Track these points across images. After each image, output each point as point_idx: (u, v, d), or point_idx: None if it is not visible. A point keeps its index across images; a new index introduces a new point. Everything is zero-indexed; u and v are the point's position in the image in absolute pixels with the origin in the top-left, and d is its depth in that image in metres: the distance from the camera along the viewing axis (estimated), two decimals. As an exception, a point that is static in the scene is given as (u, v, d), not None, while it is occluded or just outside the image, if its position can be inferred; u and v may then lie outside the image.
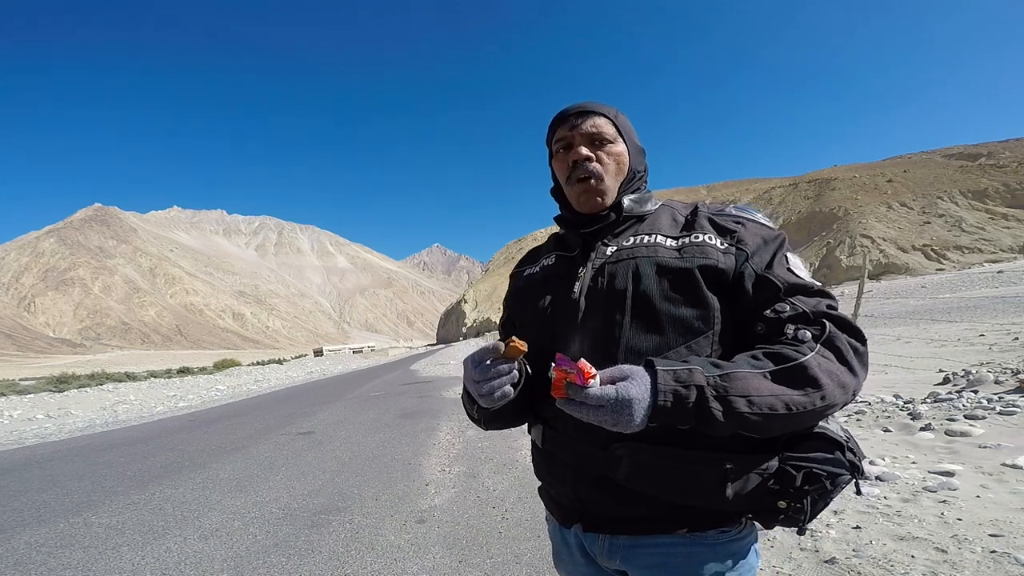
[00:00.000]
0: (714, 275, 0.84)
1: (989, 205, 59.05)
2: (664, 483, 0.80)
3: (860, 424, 4.79)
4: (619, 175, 0.97)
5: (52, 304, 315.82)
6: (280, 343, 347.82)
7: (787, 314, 0.80)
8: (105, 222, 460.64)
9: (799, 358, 0.74)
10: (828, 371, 0.74)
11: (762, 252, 0.87)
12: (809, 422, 0.76)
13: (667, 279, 0.85)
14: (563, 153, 0.97)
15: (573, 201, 0.98)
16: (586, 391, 0.70)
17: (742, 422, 0.71)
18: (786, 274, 0.85)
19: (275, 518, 3.52)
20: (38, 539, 3.36)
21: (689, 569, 0.83)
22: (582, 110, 0.97)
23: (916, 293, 28.14)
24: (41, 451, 6.92)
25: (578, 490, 0.88)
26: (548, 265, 1.03)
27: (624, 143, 0.98)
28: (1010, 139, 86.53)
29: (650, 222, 0.97)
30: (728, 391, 0.71)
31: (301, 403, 11.41)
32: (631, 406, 0.69)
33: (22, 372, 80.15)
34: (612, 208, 0.96)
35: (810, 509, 0.78)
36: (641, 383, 0.71)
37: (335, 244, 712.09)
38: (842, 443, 0.80)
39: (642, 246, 0.91)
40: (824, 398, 0.73)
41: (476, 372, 0.84)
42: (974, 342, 9.88)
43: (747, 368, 0.73)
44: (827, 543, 2.45)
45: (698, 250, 0.87)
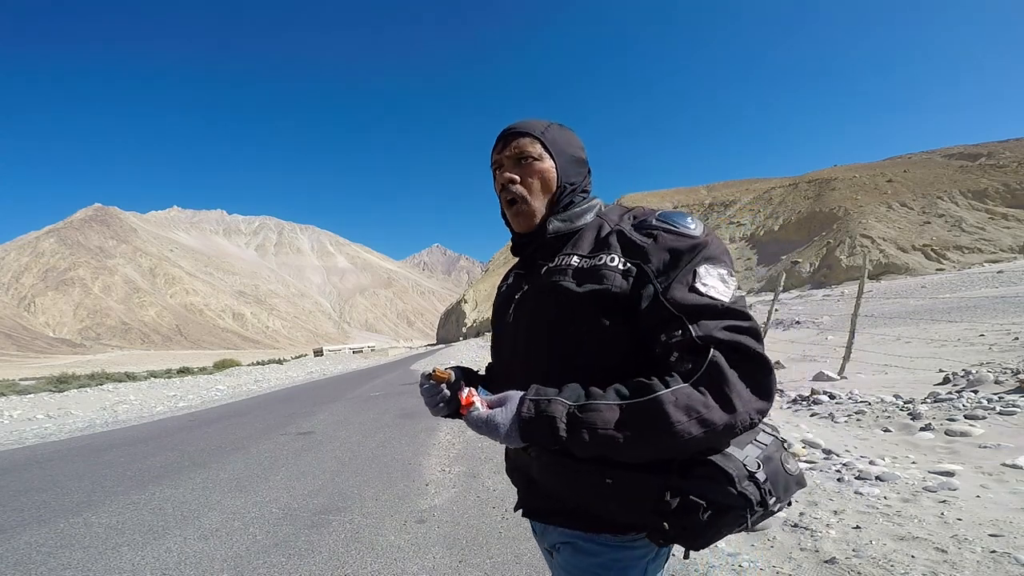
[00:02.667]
0: (609, 300, 0.86)
1: (989, 205, 59.06)
2: (561, 486, 0.88)
3: (860, 424, 4.79)
4: (546, 192, 1.00)
5: (52, 304, 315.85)
6: (280, 343, 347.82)
7: (675, 340, 0.79)
8: (105, 222, 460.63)
9: (654, 393, 0.75)
10: (686, 407, 0.73)
11: (668, 270, 0.85)
12: (663, 455, 0.76)
13: (566, 306, 0.90)
14: (496, 175, 1.02)
15: (510, 222, 1.04)
16: (470, 414, 0.86)
17: (590, 449, 0.77)
18: (686, 295, 0.81)
19: (275, 518, 3.52)
20: (38, 539, 3.36)
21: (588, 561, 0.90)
22: (508, 132, 1.02)
23: (916, 293, 28.13)
24: (41, 451, 6.92)
25: (515, 483, 1.05)
26: (510, 283, 1.11)
27: (552, 159, 1.00)
28: (1010, 139, 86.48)
29: (576, 239, 0.98)
30: (579, 421, 0.77)
31: (301, 403, 11.40)
32: (497, 428, 0.82)
33: (22, 372, 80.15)
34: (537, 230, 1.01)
35: (697, 535, 0.79)
36: (510, 408, 0.83)
37: (335, 244, 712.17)
38: (732, 476, 0.76)
39: (557, 269, 0.94)
40: (672, 436, 0.73)
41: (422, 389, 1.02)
42: (974, 342, 9.87)
43: (608, 400, 0.78)
44: (827, 543, 2.45)
45: (596, 275, 0.88)
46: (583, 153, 1.06)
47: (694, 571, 2.36)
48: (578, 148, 1.05)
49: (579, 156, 1.04)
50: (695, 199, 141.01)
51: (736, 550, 2.52)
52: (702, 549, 0.83)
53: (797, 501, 3.02)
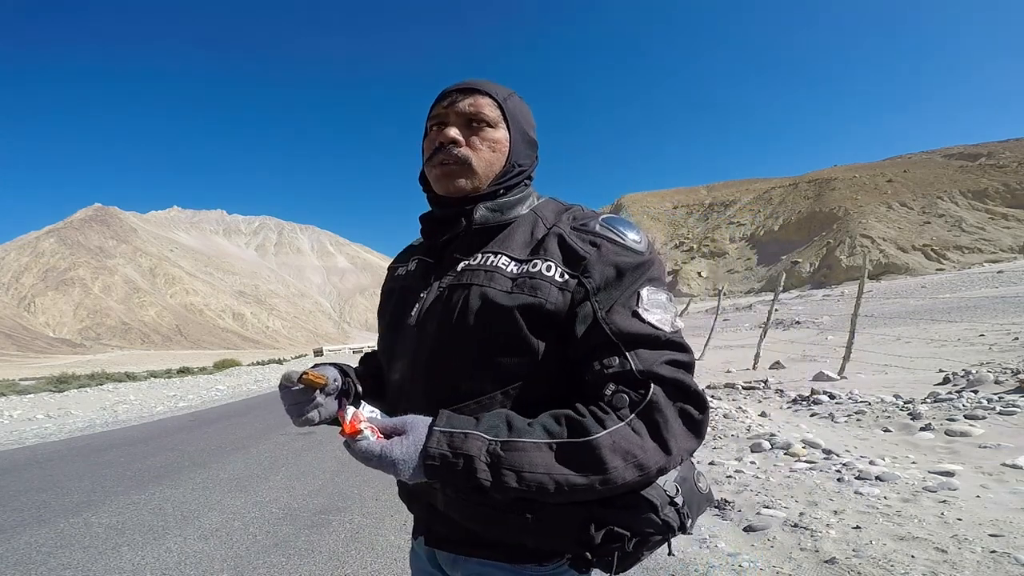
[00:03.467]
0: (542, 316, 0.73)
1: (989, 205, 59.03)
2: (475, 519, 0.76)
3: (860, 424, 4.79)
4: (492, 164, 0.83)
5: (52, 304, 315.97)
6: (280, 343, 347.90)
7: (612, 371, 0.70)
8: (105, 222, 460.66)
9: (590, 436, 0.65)
10: (624, 451, 0.65)
11: (610, 288, 0.74)
12: (593, 497, 0.67)
13: (491, 317, 0.75)
14: (435, 132, 0.84)
15: (432, 183, 0.85)
16: (353, 443, 0.68)
17: (514, 493, 0.65)
18: (628, 321, 0.72)
19: (275, 518, 3.52)
20: (38, 539, 3.36)
21: None
22: (465, 87, 0.84)
23: (916, 293, 28.13)
24: (41, 451, 6.92)
25: (414, 510, 0.91)
26: (411, 270, 0.92)
27: (508, 130, 0.85)
28: (1010, 139, 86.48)
29: (506, 235, 0.83)
30: (502, 462, 0.64)
31: (301, 403, 11.40)
32: (395, 465, 0.65)
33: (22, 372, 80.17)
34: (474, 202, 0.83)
35: (617, 563, 0.74)
36: (412, 443, 0.66)
37: (335, 244, 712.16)
38: (656, 504, 0.72)
39: (481, 270, 0.79)
40: (607, 481, 0.65)
41: (283, 393, 0.82)
42: (974, 342, 9.87)
43: (536, 437, 0.66)
44: (827, 543, 2.45)
45: (529, 284, 0.75)
46: (535, 135, 0.92)
47: (694, 571, 2.36)
48: (533, 127, 0.91)
49: (533, 137, 0.91)
50: (695, 199, 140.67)
51: (736, 550, 2.52)
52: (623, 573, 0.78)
53: (797, 501, 3.02)
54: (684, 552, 2.56)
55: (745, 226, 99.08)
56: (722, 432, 4.78)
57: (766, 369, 9.43)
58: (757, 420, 5.10)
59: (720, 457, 4.10)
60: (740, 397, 6.62)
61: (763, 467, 3.73)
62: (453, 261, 0.83)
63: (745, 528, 2.75)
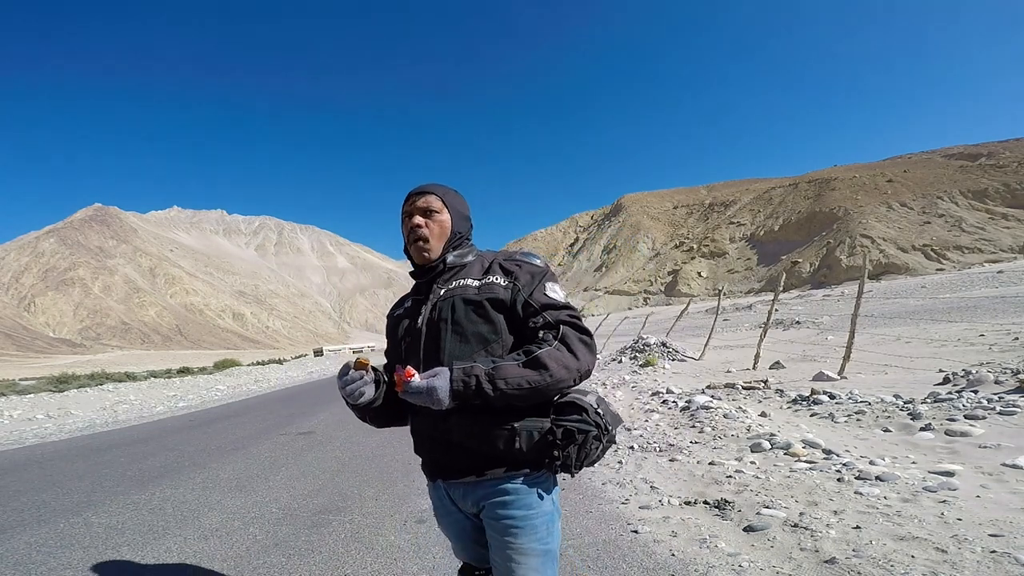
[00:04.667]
0: (498, 303, 1.30)
1: (989, 205, 59.01)
2: (480, 441, 1.25)
3: (860, 424, 4.79)
4: (443, 236, 1.40)
5: (52, 304, 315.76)
6: (280, 343, 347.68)
7: (539, 324, 1.27)
8: (105, 222, 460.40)
9: (536, 351, 1.20)
10: (556, 359, 1.19)
11: (528, 285, 1.32)
12: (551, 393, 1.22)
13: (471, 309, 1.30)
14: (405, 221, 1.40)
15: (413, 255, 1.41)
16: (409, 384, 1.17)
17: (505, 396, 1.17)
18: (543, 297, 1.30)
19: (275, 518, 3.52)
20: (38, 539, 3.36)
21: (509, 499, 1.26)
22: (421, 191, 1.41)
23: (916, 293, 28.13)
24: (41, 451, 6.92)
25: (434, 453, 1.35)
26: (407, 307, 1.46)
27: (449, 213, 1.41)
28: (1010, 139, 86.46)
29: (466, 270, 1.40)
30: (494, 377, 1.17)
31: (301, 403, 11.41)
32: (436, 391, 1.15)
33: (22, 372, 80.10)
34: (439, 261, 1.40)
35: (574, 456, 1.24)
36: (443, 378, 1.17)
37: (335, 244, 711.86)
38: (587, 408, 1.26)
39: (458, 287, 1.35)
40: (552, 376, 1.18)
41: (339, 380, 1.30)
42: (974, 342, 9.87)
43: (509, 361, 1.20)
44: (827, 543, 2.45)
45: (489, 288, 1.32)
46: (469, 212, 1.49)
47: (694, 571, 2.36)
48: (466, 208, 1.49)
49: (466, 214, 1.47)
50: (695, 199, 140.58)
51: (736, 550, 2.52)
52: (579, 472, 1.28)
53: (797, 501, 3.02)
54: (684, 552, 2.56)
55: (745, 226, 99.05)
56: (722, 432, 4.78)
57: (766, 369, 9.43)
58: (757, 420, 5.10)
59: (720, 457, 4.10)
60: (740, 397, 6.62)
61: (763, 467, 3.73)
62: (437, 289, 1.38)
63: (745, 528, 2.75)
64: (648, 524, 2.96)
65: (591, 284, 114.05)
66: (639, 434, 5.24)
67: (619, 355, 13.54)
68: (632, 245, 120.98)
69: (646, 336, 16.73)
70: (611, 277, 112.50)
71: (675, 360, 12.41)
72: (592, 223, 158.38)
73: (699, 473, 3.79)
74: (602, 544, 2.72)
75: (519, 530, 1.25)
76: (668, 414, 6.00)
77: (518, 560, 1.25)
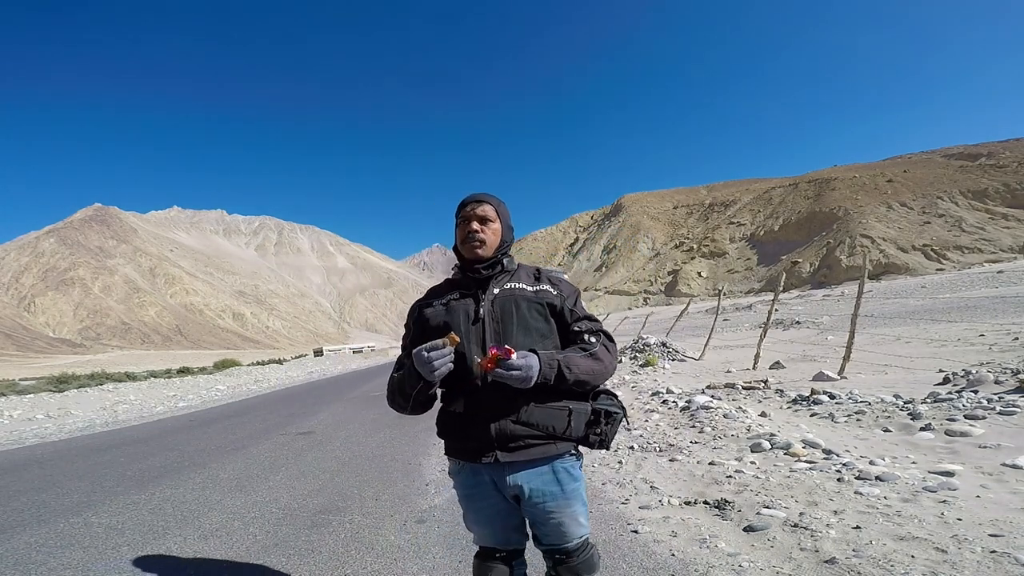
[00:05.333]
0: (551, 307, 1.60)
1: (989, 205, 59.00)
2: (543, 418, 1.51)
3: (860, 424, 4.79)
4: (494, 243, 1.62)
5: (52, 304, 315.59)
6: (280, 343, 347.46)
7: (582, 329, 1.60)
8: (105, 222, 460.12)
9: (593, 348, 1.55)
10: (605, 355, 1.56)
11: (570, 298, 1.64)
12: (602, 381, 1.56)
13: (533, 308, 1.58)
14: (463, 224, 1.62)
15: (466, 253, 1.61)
16: (509, 362, 1.39)
17: (576, 380, 1.48)
18: (580, 310, 1.63)
19: (275, 518, 3.52)
20: (38, 539, 3.36)
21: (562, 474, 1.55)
22: (479, 199, 1.62)
23: (916, 293, 28.12)
24: (41, 451, 6.92)
25: (499, 428, 1.50)
26: (452, 299, 1.63)
27: (500, 224, 1.64)
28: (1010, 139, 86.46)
29: (517, 275, 1.66)
30: (568, 364, 1.47)
31: (301, 403, 11.41)
32: (532, 370, 1.41)
33: (22, 372, 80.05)
34: (493, 261, 1.62)
35: (608, 433, 1.55)
36: (534, 359, 1.43)
37: (335, 244, 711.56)
38: (615, 395, 1.63)
39: (516, 289, 1.61)
40: (604, 368, 1.55)
41: (432, 354, 1.43)
42: (974, 342, 9.87)
43: (574, 353, 1.53)
44: (827, 543, 2.45)
45: (544, 294, 1.61)
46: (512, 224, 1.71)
47: (694, 571, 2.36)
48: (511, 221, 1.71)
49: (512, 226, 1.71)
50: (695, 199, 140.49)
51: (736, 550, 2.52)
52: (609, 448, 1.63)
53: (797, 501, 3.02)
54: (684, 552, 2.56)
55: (745, 226, 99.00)
56: (722, 432, 4.77)
57: (766, 369, 9.43)
58: (757, 420, 5.10)
59: (720, 457, 4.10)
60: (740, 397, 6.62)
61: (763, 467, 3.73)
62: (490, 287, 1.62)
63: (745, 528, 2.75)
64: (648, 524, 2.96)
65: (591, 284, 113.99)
66: (639, 434, 5.24)
67: (619, 355, 13.54)
68: (632, 245, 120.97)
69: (646, 336, 16.73)
70: (611, 277, 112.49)
71: (675, 360, 12.41)
72: (592, 223, 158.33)
73: (699, 473, 3.79)
74: (602, 544, 2.72)
75: (572, 499, 1.55)
76: (668, 414, 6.00)
77: (575, 521, 1.56)
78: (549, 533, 1.56)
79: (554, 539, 1.56)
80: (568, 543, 1.56)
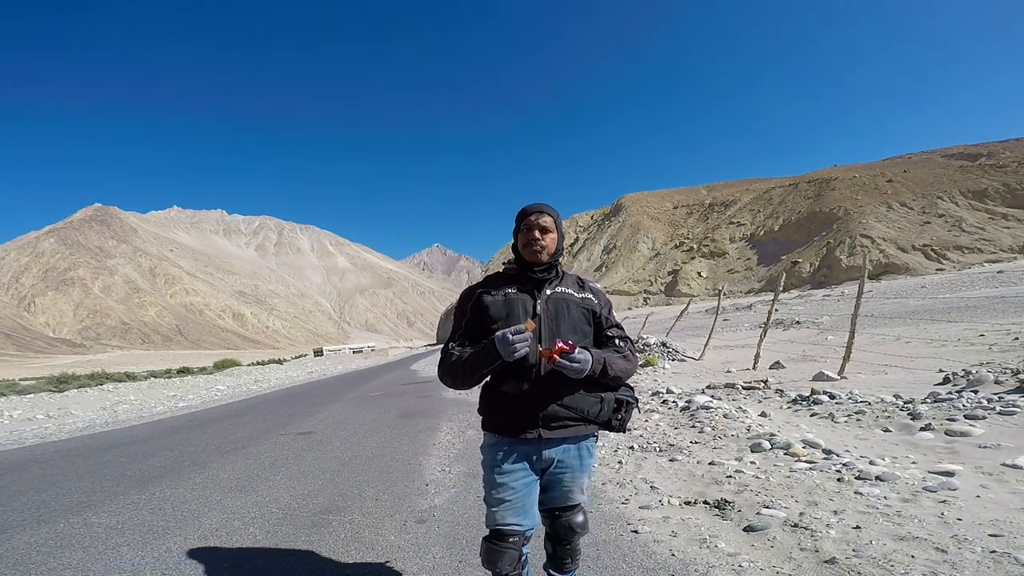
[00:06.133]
0: (593, 313, 1.89)
1: (989, 205, 59.00)
2: (582, 404, 1.79)
3: (860, 424, 4.79)
4: (551, 249, 1.85)
5: (52, 304, 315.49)
6: (280, 343, 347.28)
7: (613, 335, 1.92)
8: (105, 222, 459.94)
9: (625, 352, 1.87)
10: (634, 360, 1.89)
11: (606, 306, 1.94)
12: (628, 378, 1.87)
13: (581, 311, 1.86)
14: (526, 231, 1.83)
15: (526, 256, 1.84)
16: (573, 355, 1.65)
17: (614, 376, 1.79)
18: (613, 318, 1.97)
19: (275, 518, 3.52)
20: (38, 539, 3.36)
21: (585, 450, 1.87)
22: (541, 211, 1.84)
23: (916, 293, 28.11)
24: (41, 451, 6.92)
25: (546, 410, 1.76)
26: (510, 292, 1.85)
27: (558, 234, 1.87)
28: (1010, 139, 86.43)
29: (565, 281, 1.91)
30: (610, 363, 1.76)
31: (301, 403, 11.41)
32: (587, 364, 1.68)
33: (22, 372, 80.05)
34: (547, 267, 1.85)
35: (626, 419, 1.86)
36: (588, 355, 1.69)
37: (335, 244, 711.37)
38: (632, 387, 1.92)
39: (565, 294, 1.87)
40: (632, 367, 1.86)
41: (516, 337, 1.63)
42: (974, 342, 9.87)
43: (612, 354, 1.82)
44: (827, 543, 2.45)
45: (588, 301, 1.89)
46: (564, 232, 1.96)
47: (694, 571, 2.36)
48: (564, 232, 1.94)
49: (564, 235, 1.94)
50: (695, 199, 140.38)
51: (736, 550, 2.52)
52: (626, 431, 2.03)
53: (797, 501, 3.02)
54: (684, 552, 2.56)
55: (745, 226, 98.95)
56: (722, 432, 4.77)
57: (766, 369, 9.43)
58: (757, 420, 5.10)
59: (720, 457, 4.09)
60: (740, 397, 6.62)
61: (763, 467, 3.73)
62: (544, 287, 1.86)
63: (745, 528, 2.75)
64: (648, 524, 2.95)
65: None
66: (639, 434, 5.24)
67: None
68: (632, 245, 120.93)
69: (646, 336, 16.73)
70: (611, 277, 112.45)
71: (675, 360, 12.40)
72: (592, 223, 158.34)
73: (699, 473, 3.79)
74: (602, 544, 2.72)
75: (586, 471, 1.89)
76: (668, 414, 6.00)
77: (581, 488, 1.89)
78: (557, 496, 1.86)
79: (559, 501, 1.87)
80: (567, 504, 1.88)
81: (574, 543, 1.93)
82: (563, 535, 1.89)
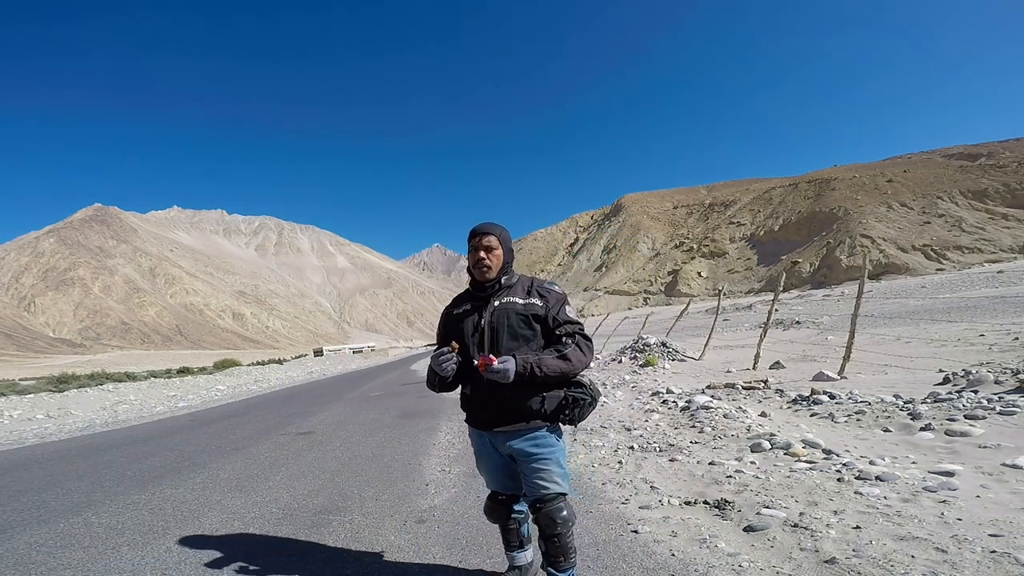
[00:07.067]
0: (537, 317, 2.05)
1: (989, 205, 58.99)
2: (523, 403, 2.00)
3: (860, 424, 4.79)
4: (498, 266, 2.10)
5: (52, 304, 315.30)
6: (280, 343, 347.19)
7: (562, 332, 2.04)
8: (105, 222, 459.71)
9: (564, 351, 1.98)
10: (575, 355, 1.98)
11: (555, 307, 2.07)
12: (574, 374, 2.00)
13: (520, 318, 2.04)
14: (473, 252, 2.08)
15: (476, 275, 2.10)
16: (492, 366, 1.90)
17: (546, 376, 1.93)
18: (563, 316, 2.06)
19: (275, 518, 3.52)
20: (38, 539, 3.36)
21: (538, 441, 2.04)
22: (485, 231, 2.08)
23: (916, 293, 28.12)
24: (41, 451, 6.92)
25: (492, 412, 2.06)
26: (466, 309, 2.15)
27: (502, 248, 2.10)
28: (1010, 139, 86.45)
29: (513, 289, 2.12)
30: (541, 364, 1.93)
31: (301, 403, 11.41)
32: (508, 372, 1.90)
33: (22, 372, 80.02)
34: (495, 281, 2.10)
35: (576, 415, 2.02)
36: (512, 362, 1.91)
37: (335, 244, 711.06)
38: (586, 385, 2.07)
39: (509, 303, 2.07)
40: (572, 366, 1.97)
41: (441, 358, 2.02)
42: (974, 342, 9.87)
43: (548, 355, 1.98)
44: (827, 543, 2.45)
45: (531, 306, 2.06)
46: (512, 247, 2.16)
47: (694, 571, 2.36)
48: (511, 244, 2.17)
49: (512, 249, 2.16)
50: (695, 199, 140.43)
51: (736, 550, 2.52)
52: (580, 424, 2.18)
53: (797, 501, 3.02)
54: (684, 552, 2.56)
55: (745, 226, 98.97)
56: (722, 432, 4.77)
57: (766, 369, 9.43)
58: (757, 420, 5.10)
59: (720, 457, 4.09)
60: (740, 397, 6.62)
61: (763, 467, 3.73)
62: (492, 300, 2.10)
63: (745, 528, 2.75)
64: (648, 524, 2.95)
65: (591, 284, 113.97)
66: (639, 434, 5.24)
67: (619, 355, 13.53)
68: (632, 245, 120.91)
69: (646, 336, 16.73)
70: (611, 277, 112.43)
71: (675, 360, 12.40)
72: (592, 223, 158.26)
73: (699, 473, 3.79)
74: (602, 544, 2.72)
75: (547, 460, 2.03)
76: (668, 414, 5.99)
77: (548, 478, 2.02)
78: (531, 487, 2.06)
79: (532, 492, 2.06)
80: (540, 494, 2.03)
81: (561, 539, 2.02)
82: (544, 527, 2.02)
